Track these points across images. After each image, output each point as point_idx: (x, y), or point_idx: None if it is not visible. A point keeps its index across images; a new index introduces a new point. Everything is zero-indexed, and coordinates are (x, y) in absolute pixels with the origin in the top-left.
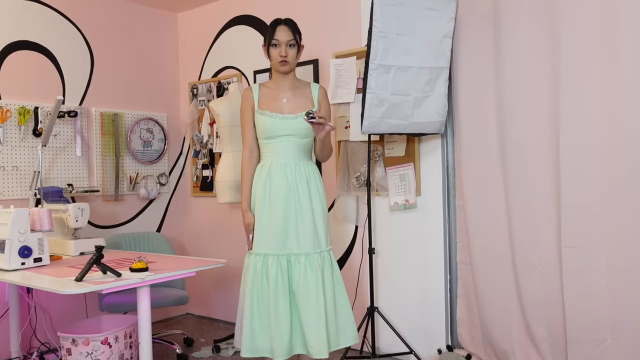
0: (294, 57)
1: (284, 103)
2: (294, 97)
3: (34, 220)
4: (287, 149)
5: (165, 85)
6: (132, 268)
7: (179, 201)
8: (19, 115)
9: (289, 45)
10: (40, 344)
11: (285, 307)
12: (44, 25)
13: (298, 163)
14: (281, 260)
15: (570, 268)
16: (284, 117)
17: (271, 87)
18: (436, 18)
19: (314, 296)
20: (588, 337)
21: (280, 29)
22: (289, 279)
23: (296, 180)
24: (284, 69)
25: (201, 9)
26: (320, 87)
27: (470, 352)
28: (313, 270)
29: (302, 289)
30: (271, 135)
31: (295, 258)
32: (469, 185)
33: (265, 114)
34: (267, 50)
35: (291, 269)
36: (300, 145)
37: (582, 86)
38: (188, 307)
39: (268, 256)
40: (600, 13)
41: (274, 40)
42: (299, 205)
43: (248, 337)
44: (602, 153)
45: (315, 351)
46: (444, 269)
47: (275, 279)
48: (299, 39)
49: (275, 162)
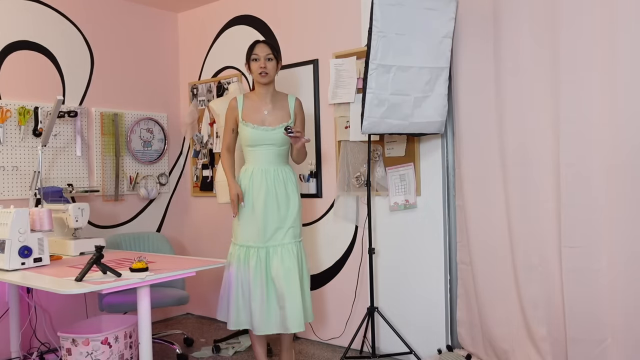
0: (273, 69)
1: (265, 115)
2: (273, 109)
3: (34, 220)
4: (267, 156)
5: (165, 85)
6: (132, 268)
7: (179, 201)
8: (19, 115)
9: (267, 58)
10: (40, 344)
11: (263, 292)
12: (44, 25)
13: (277, 168)
14: (260, 252)
15: (570, 268)
16: (265, 129)
17: (253, 99)
18: (436, 18)
19: (292, 279)
20: (588, 337)
21: (258, 45)
22: (267, 267)
23: (275, 183)
24: (263, 80)
25: (201, 9)
26: (296, 99)
27: (470, 352)
28: (289, 257)
29: (281, 274)
30: (253, 144)
31: (274, 250)
32: (469, 185)
33: (249, 125)
34: (248, 66)
35: (270, 259)
36: (278, 152)
37: (582, 86)
38: (188, 307)
39: (250, 248)
40: (600, 13)
41: (254, 55)
42: (277, 204)
43: (234, 314)
44: (602, 153)
45: (293, 325)
46: (444, 269)
47: (255, 267)
48: (277, 54)
49: (257, 167)
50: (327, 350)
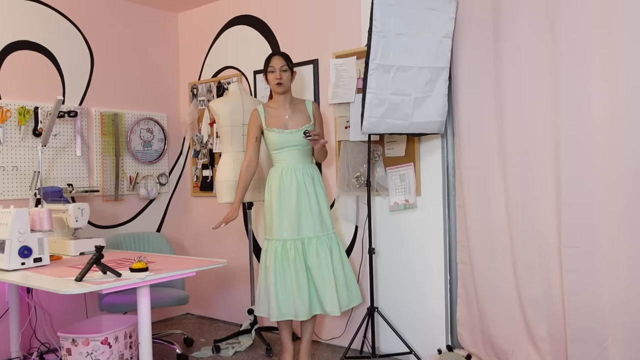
0: (288, 79)
1: (286, 120)
2: (293, 114)
3: (34, 220)
4: (293, 156)
5: (165, 85)
6: (132, 268)
7: (179, 201)
8: (19, 115)
9: (282, 70)
10: (40, 344)
11: (304, 279)
12: (44, 25)
13: (304, 166)
14: (297, 243)
15: (570, 268)
16: (289, 132)
17: (274, 107)
18: (436, 18)
19: (325, 269)
20: (588, 337)
21: (274, 58)
22: (305, 257)
23: (304, 179)
24: (280, 90)
25: (201, 9)
26: (313, 103)
27: (470, 352)
28: (323, 249)
29: (316, 264)
30: (280, 147)
31: (308, 241)
32: (469, 185)
33: (273, 130)
34: (266, 78)
35: (305, 250)
36: (303, 152)
37: (582, 86)
38: (188, 307)
39: (286, 241)
40: (600, 12)
41: (270, 67)
42: (307, 198)
43: (275, 306)
44: (603, 153)
45: (331, 310)
46: (444, 269)
47: (294, 259)
48: (291, 65)
49: (286, 166)
50: (327, 350)
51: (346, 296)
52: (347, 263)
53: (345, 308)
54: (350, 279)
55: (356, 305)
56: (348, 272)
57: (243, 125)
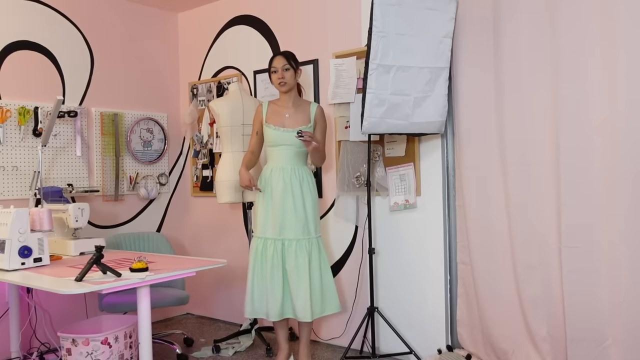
0: (291, 78)
1: (286, 118)
2: (294, 113)
3: (34, 220)
4: (286, 155)
5: (165, 85)
6: (132, 268)
7: (179, 201)
8: (19, 115)
9: (284, 69)
10: (40, 344)
11: (279, 280)
12: (44, 25)
13: (294, 167)
14: (277, 243)
15: (570, 268)
16: (285, 130)
17: (278, 104)
18: (436, 18)
19: (302, 273)
20: (588, 337)
21: (276, 58)
22: (283, 259)
23: (291, 181)
24: (283, 89)
25: (201, 9)
26: (318, 106)
27: (470, 352)
28: (302, 253)
29: (293, 267)
30: (274, 144)
31: (289, 243)
32: (469, 185)
33: (270, 126)
34: (270, 78)
35: (285, 252)
36: (296, 152)
37: (582, 86)
38: (188, 307)
39: (267, 240)
40: (600, 11)
41: (272, 67)
42: (292, 200)
43: (249, 303)
44: (603, 153)
45: (302, 315)
46: (444, 269)
47: (272, 258)
48: (294, 63)
49: (276, 166)
50: (327, 350)
51: (320, 303)
52: (326, 269)
53: (317, 315)
54: (328, 286)
55: (331, 313)
56: (326, 279)
57: (243, 126)
